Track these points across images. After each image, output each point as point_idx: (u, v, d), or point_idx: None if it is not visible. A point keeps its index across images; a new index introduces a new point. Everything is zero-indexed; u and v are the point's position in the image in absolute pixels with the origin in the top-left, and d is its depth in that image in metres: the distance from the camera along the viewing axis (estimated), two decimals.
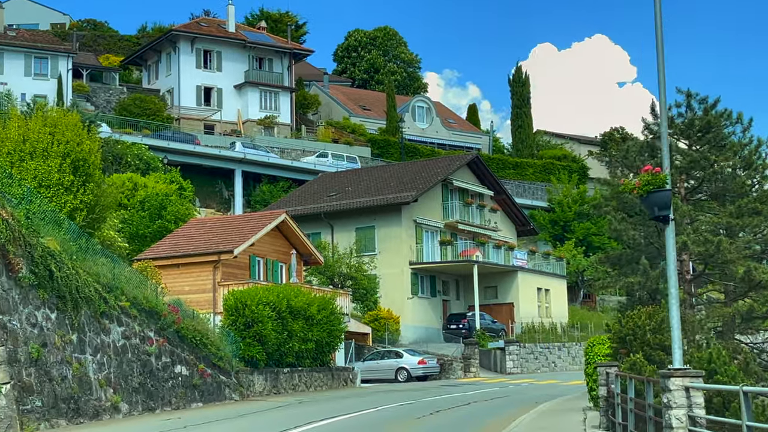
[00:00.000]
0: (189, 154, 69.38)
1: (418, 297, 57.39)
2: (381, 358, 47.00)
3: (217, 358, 28.18)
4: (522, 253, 63.12)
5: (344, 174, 67.70)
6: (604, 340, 23.97)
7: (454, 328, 56.04)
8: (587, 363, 24.38)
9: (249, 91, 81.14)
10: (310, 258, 46.50)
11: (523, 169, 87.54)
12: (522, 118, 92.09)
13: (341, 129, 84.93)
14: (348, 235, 57.44)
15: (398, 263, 56.66)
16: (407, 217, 57.52)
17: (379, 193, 59.76)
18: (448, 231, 60.47)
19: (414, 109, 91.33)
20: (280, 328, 32.22)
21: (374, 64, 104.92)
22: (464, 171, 63.32)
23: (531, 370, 53.41)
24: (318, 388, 35.36)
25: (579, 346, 58.19)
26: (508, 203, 66.80)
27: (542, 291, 62.74)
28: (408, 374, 45.89)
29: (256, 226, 43.63)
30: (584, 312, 68.78)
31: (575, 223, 77.61)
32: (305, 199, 63.08)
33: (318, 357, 35.57)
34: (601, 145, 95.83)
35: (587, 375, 24.47)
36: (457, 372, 48.23)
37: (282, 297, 32.70)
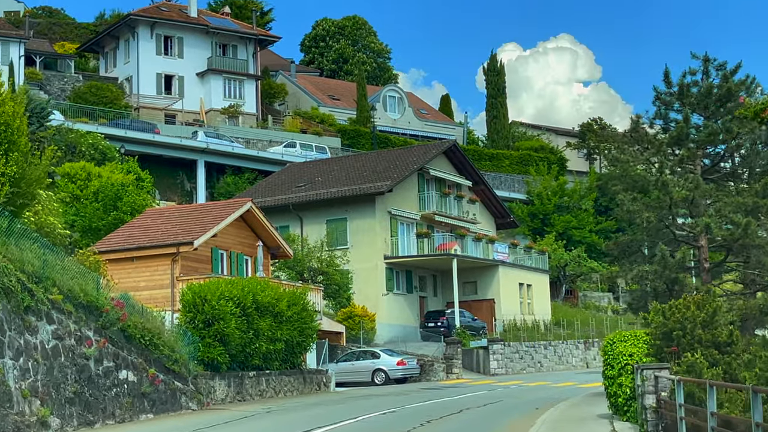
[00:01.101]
0: (148, 143, 65.25)
1: (394, 293, 53.70)
2: (356, 359, 43.27)
3: (171, 361, 24.31)
4: (503, 247, 59.57)
5: (314, 164, 63.89)
6: (627, 337, 20.36)
7: (432, 326, 52.40)
8: (608, 364, 20.72)
9: (212, 79, 77.02)
10: (278, 251, 42.61)
11: (499, 161, 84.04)
12: (497, 108, 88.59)
13: (309, 119, 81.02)
14: (318, 227, 53.67)
15: (372, 257, 52.97)
16: (381, 209, 53.83)
17: (351, 183, 56.03)
18: (425, 223, 56.84)
19: (385, 99, 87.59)
20: (245, 326, 28.38)
21: (343, 54, 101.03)
22: (441, 160, 59.73)
23: (516, 371, 49.82)
24: (288, 394, 31.53)
25: (565, 345, 54.79)
26: (487, 194, 63.25)
27: (524, 286, 59.22)
28: (386, 376, 42.18)
29: (219, 215, 39.73)
30: (567, 308, 65.33)
31: (555, 215, 74.26)
32: (272, 191, 59.22)
33: (288, 359, 31.75)
34: (579, 136, 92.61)
35: (608, 378, 20.81)
36: (438, 373, 44.55)
37: (247, 291, 28.87)
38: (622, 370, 18.51)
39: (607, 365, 20.68)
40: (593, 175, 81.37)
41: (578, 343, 56.15)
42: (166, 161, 66.92)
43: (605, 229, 75.76)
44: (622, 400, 18.40)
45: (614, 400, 20.19)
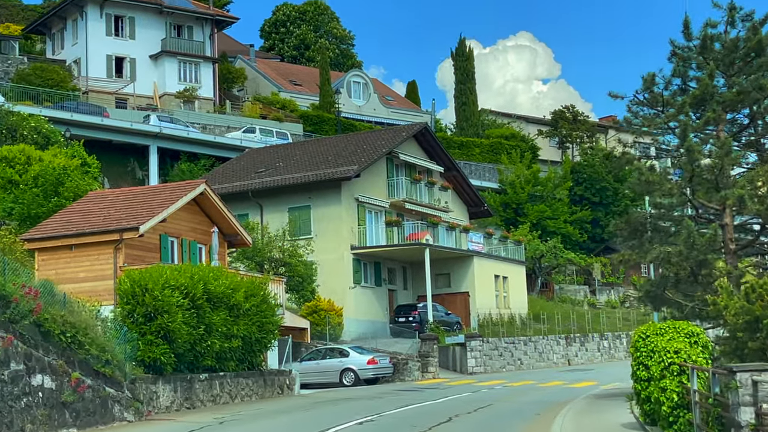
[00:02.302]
0: (96, 128, 60.65)
1: (362, 286, 49.69)
2: (322, 358, 39.21)
3: (101, 363, 20.15)
4: (478, 236, 55.74)
5: (274, 149, 59.69)
6: (665, 329, 16.49)
7: (403, 321, 48.47)
8: (640, 364, 16.81)
9: (166, 62, 72.49)
10: (235, 239, 38.36)
11: (469, 149, 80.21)
12: (466, 94, 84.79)
13: (270, 104, 76.67)
14: (280, 216, 49.51)
15: (338, 247, 48.95)
16: (348, 195, 49.79)
17: (315, 168, 51.92)
18: (394, 211, 52.86)
19: (350, 85, 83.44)
20: (195, 320, 24.25)
21: (304, 40, 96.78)
22: (411, 144, 55.77)
23: (495, 369, 46.00)
24: (246, 399, 27.39)
25: (546, 341, 51.07)
26: (460, 180, 59.39)
27: (500, 278, 55.41)
28: (355, 376, 38.16)
29: (169, 198, 35.41)
30: (543, 302, 61.60)
31: (528, 205, 70.56)
32: (230, 177, 54.97)
33: (246, 358, 27.62)
34: (551, 125, 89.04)
35: (641, 380, 16.90)
36: (413, 373, 40.59)
37: (197, 279, 24.72)
38: (666, 370, 14.64)
39: (640, 365, 16.80)
40: (568, 163, 77.80)
41: (559, 339, 52.45)
42: (116, 147, 62.47)
43: (580, 220, 72.28)
44: (666, 409, 14.52)
45: (650, 407, 16.35)
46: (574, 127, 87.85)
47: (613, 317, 60.01)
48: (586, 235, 72.61)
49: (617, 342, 57.20)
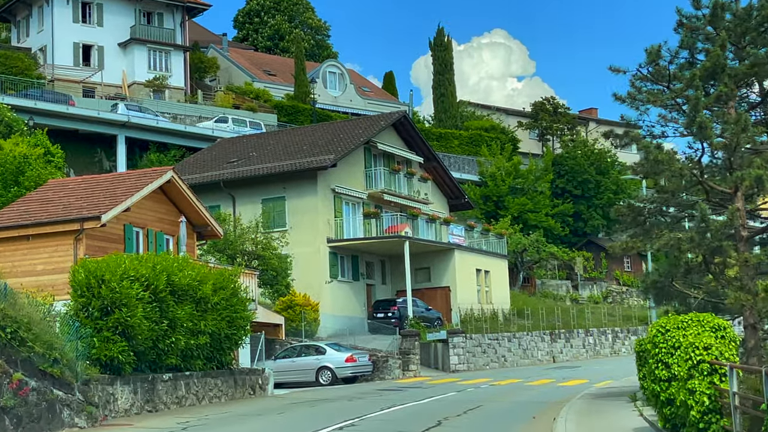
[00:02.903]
0: (62, 116, 58.19)
1: (338, 281, 47.59)
2: (298, 356, 37.07)
3: (48, 363, 17.94)
4: (459, 229, 53.73)
5: (248, 138, 57.46)
6: (687, 323, 14.48)
7: (381, 317, 46.38)
8: (659, 361, 14.78)
9: (136, 50, 69.98)
10: (205, 230, 36.18)
11: (448, 141, 78.14)
12: (445, 85, 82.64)
13: (243, 94, 74.31)
14: (253, 207, 47.34)
15: (314, 240, 46.83)
16: (324, 186, 47.69)
17: (290, 158, 49.75)
18: (373, 202, 50.80)
19: (325, 75, 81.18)
20: (157, 314, 22.07)
21: (279, 31, 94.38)
22: (390, 133, 53.70)
23: (479, 366, 44.04)
24: (215, 401, 25.22)
25: (530, 337, 49.14)
26: (440, 172, 57.36)
27: (482, 273, 53.40)
28: (333, 375, 36.05)
29: (134, 186, 33.20)
30: (525, 297, 59.63)
31: (509, 198, 68.61)
32: (201, 167, 52.74)
33: (214, 356, 25.44)
34: (531, 116, 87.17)
35: (660, 380, 14.87)
36: (393, 371, 38.50)
37: (160, 270, 22.53)
38: (694, 369, 12.62)
39: (659, 363, 14.78)
40: (549, 155, 75.92)
41: (543, 335, 50.53)
42: (82, 137, 60.10)
43: (562, 213, 70.47)
44: (696, 414, 12.50)
45: (672, 410, 14.34)
46: (555, 119, 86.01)
47: (598, 313, 58.21)
48: (567, 229, 70.82)
49: (603, 338, 55.38)
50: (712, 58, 20.09)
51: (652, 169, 20.64)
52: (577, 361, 50.86)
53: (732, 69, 20.58)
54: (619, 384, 31.07)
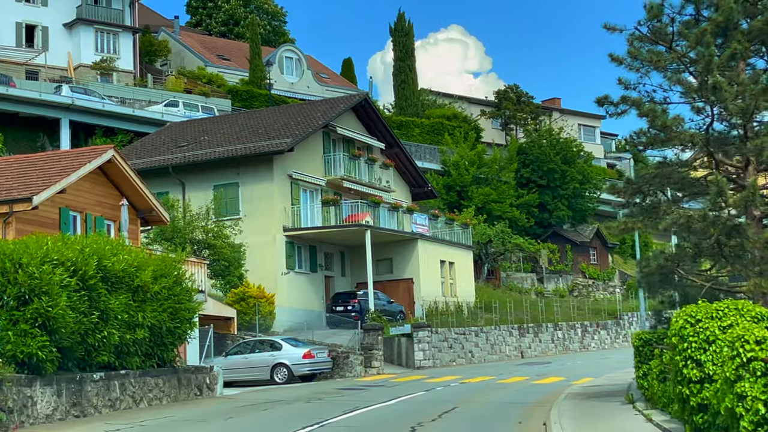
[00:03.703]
0: (1, 98, 54.77)
1: (295, 272, 44.75)
2: (251, 352, 34.16)
3: None
4: (422, 218, 51.01)
5: (200, 122, 54.37)
6: (723, 312, 11.85)
7: (341, 310, 43.59)
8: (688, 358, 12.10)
9: (82, 31, 66.50)
10: (150, 214, 33.26)
11: (410, 129, 75.39)
12: (406, 72, 79.92)
13: (195, 79, 71.08)
14: (204, 194, 44.27)
15: (269, 229, 43.98)
16: (280, 171, 44.83)
17: (244, 142, 46.82)
18: (332, 190, 47.99)
19: (282, 60, 78.09)
20: (87, 305, 19.11)
21: (233, 16, 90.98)
22: (349, 117, 50.95)
23: (445, 363, 41.41)
24: (155, 403, 22.28)
25: (498, 331, 46.60)
26: (402, 158, 54.69)
27: (446, 264, 50.77)
28: (289, 373, 33.19)
29: (71, 166, 30.27)
30: (489, 290, 57.05)
31: (473, 188, 66.00)
32: (149, 152, 49.63)
33: (154, 352, 22.48)
34: (494, 105, 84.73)
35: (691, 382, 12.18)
36: (355, 368, 35.70)
37: (90, 253, 19.55)
38: (743, 368, 9.98)
39: (687, 360, 12.13)
40: (514, 143, 73.46)
41: (512, 329, 48.00)
42: (24, 120, 56.68)
43: (527, 204, 68.00)
44: (747, 425, 9.84)
45: (707, 419, 11.67)
46: (518, 108, 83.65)
47: (567, 306, 55.85)
48: (532, 220, 68.37)
49: (572, 333, 53.01)
50: (725, 12, 17.53)
51: (658, 137, 18.00)
52: (546, 356, 48.42)
53: (746, 27, 18.00)
54: (602, 382, 28.60)
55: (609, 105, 19.28)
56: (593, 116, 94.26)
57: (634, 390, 22.08)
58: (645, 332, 19.16)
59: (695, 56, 17.91)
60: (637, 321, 59.72)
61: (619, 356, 45.92)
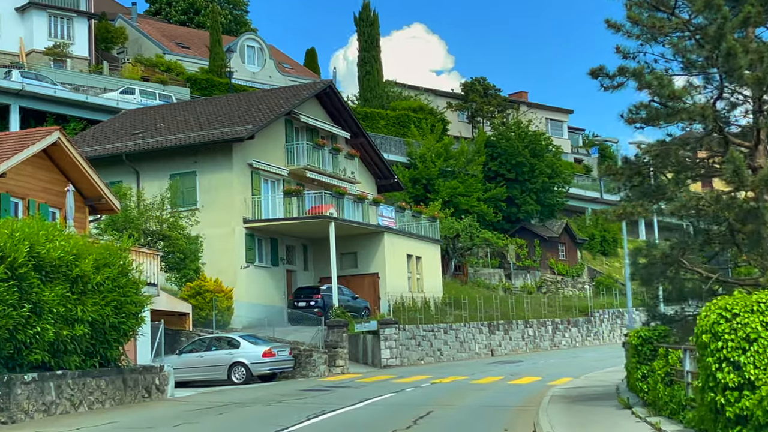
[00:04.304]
0: None
1: (255, 266, 42.54)
2: (207, 349, 31.93)
3: None
4: (389, 210, 48.99)
5: (156, 109, 51.95)
6: None
7: (303, 306, 41.48)
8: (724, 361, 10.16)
9: (34, 15, 63.82)
10: (99, 202, 30.99)
11: (375, 121, 73.25)
12: (371, 62, 77.79)
13: (153, 67, 68.56)
14: (160, 183, 41.92)
15: (228, 220, 41.76)
16: (240, 160, 42.61)
17: (203, 129, 44.54)
18: (294, 180, 45.80)
19: (243, 49, 75.70)
20: (16, 297, 16.88)
21: (194, 4, 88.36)
22: (313, 105, 48.79)
23: (413, 361, 39.44)
24: (97, 406, 20.03)
25: (467, 329, 44.67)
26: (368, 149, 52.62)
27: (413, 258, 48.76)
28: (248, 372, 31.00)
29: (12, 148, 28.06)
30: (457, 286, 55.10)
31: (440, 181, 64.07)
32: (102, 139, 47.21)
33: (96, 350, 20.23)
34: (461, 98, 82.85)
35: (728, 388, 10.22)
36: (318, 367, 33.57)
37: (20, 239, 17.30)
38: None
39: (722, 362, 10.17)
40: (482, 135, 71.58)
41: (482, 326, 46.09)
42: None
43: (495, 198, 66.18)
44: None
45: None
46: (485, 100, 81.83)
47: (537, 303, 54.08)
48: (500, 215, 66.53)
49: (543, 330, 51.22)
50: None
51: (660, 112, 16.02)
52: (517, 354, 46.59)
53: None
54: (584, 383, 26.69)
55: (604, 77, 17.32)
56: (561, 110, 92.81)
57: (625, 392, 20.20)
58: (644, 329, 17.24)
59: (702, 21, 15.99)
60: (608, 318, 58.16)
61: (592, 354, 44.23)
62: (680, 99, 15.55)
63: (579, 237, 70.84)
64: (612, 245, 75.56)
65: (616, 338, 57.64)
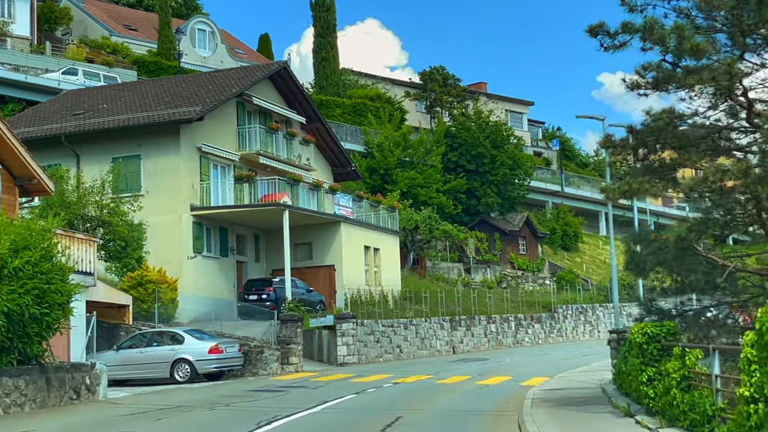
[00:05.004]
0: None
1: (203, 256, 39.87)
2: (148, 345, 29.23)
3: None
4: (346, 198, 46.49)
5: (99, 90, 48.98)
6: None
7: (255, 299, 38.90)
8: None
9: None
10: (31, 183, 28.31)
11: (331, 109, 70.59)
12: (327, 49, 75.11)
13: (99, 48, 65.44)
14: (101, 167, 38.88)
15: (175, 207, 39.04)
16: (188, 143, 39.93)
17: (149, 110, 41.76)
18: (246, 166, 43.16)
19: (194, 33, 72.71)
20: None
21: None
22: (267, 87, 46.18)
23: (371, 358, 37.01)
24: (14, 410, 17.34)
25: (429, 324, 42.35)
26: (324, 135, 50.12)
27: (371, 250, 46.31)
28: (192, 370, 28.37)
29: None
30: (415, 280, 52.67)
31: (398, 171, 61.63)
32: (40, 120, 44.22)
33: (14, 345, 17.52)
34: (420, 87, 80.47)
35: None
36: (270, 364, 30.96)
37: None
38: None
39: None
40: (441, 125, 69.26)
41: (443, 322, 43.78)
42: None
43: (454, 189, 63.91)
44: None
45: None
46: (444, 90, 79.53)
47: (500, 298, 51.88)
48: (460, 207, 64.28)
49: (505, 326, 49.02)
50: None
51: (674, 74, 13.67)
52: (480, 351, 44.35)
53: None
54: (561, 384, 24.44)
55: (604, 35, 14.97)
56: (521, 102, 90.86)
57: (616, 395, 17.95)
58: (650, 325, 14.90)
59: None
60: (572, 314, 56.14)
61: (559, 353, 42.12)
62: (704, 54, 13.25)
63: (540, 231, 68.79)
64: (573, 240, 73.67)
65: (580, 335, 55.69)
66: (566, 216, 73.91)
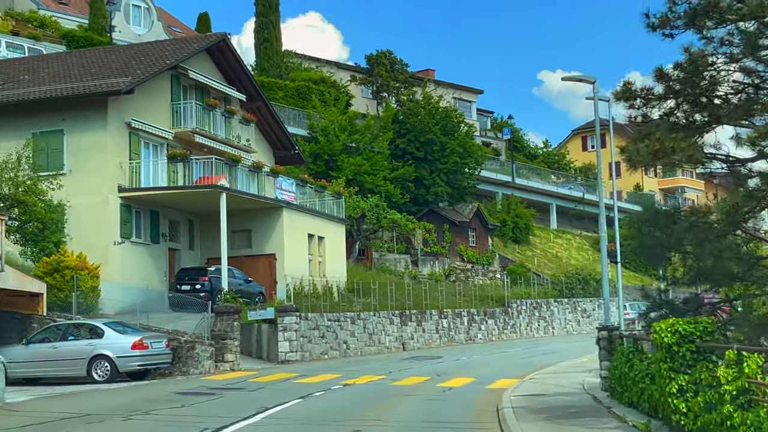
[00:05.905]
0: None
1: (132, 242, 36.24)
2: (62, 339, 25.70)
3: None
4: (289, 182, 43.17)
5: (20, 61, 45.06)
6: None
7: (188, 289, 35.41)
8: None
9: None
10: None
11: (273, 92, 66.90)
12: (269, 29, 71.40)
13: (26, 22, 61.26)
14: (20, 143, 35.03)
15: (100, 188, 35.40)
16: (116, 118, 36.30)
17: (74, 81, 38.02)
18: (180, 145, 39.55)
19: (128, 9, 68.65)
20: None
21: None
22: (205, 61, 42.64)
23: (315, 355, 33.75)
24: None
25: (377, 319, 39.16)
26: (266, 114, 46.66)
27: (315, 239, 43.00)
28: (113, 368, 24.88)
29: None
30: (361, 271, 49.45)
31: (343, 157, 58.38)
32: None
33: None
34: (366, 72, 77.19)
35: None
36: (203, 362, 27.51)
37: None
38: None
39: None
40: (389, 110, 66.11)
41: (393, 317, 40.64)
42: None
43: (402, 177, 60.83)
44: None
45: None
46: (391, 75, 76.35)
47: (452, 292, 48.89)
48: (408, 196, 61.21)
49: (458, 321, 46.03)
50: None
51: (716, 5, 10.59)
52: (432, 348, 41.35)
53: None
54: (537, 389, 21.41)
55: None
56: (470, 90, 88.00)
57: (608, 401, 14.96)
58: (681, 322, 11.72)
59: None
60: (526, 310, 53.37)
61: (516, 350, 39.27)
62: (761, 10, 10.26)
63: (491, 222, 65.96)
64: (524, 232, 70.99)
65: (534, 332, 52.95)
66: (517, 207, 71.24)
